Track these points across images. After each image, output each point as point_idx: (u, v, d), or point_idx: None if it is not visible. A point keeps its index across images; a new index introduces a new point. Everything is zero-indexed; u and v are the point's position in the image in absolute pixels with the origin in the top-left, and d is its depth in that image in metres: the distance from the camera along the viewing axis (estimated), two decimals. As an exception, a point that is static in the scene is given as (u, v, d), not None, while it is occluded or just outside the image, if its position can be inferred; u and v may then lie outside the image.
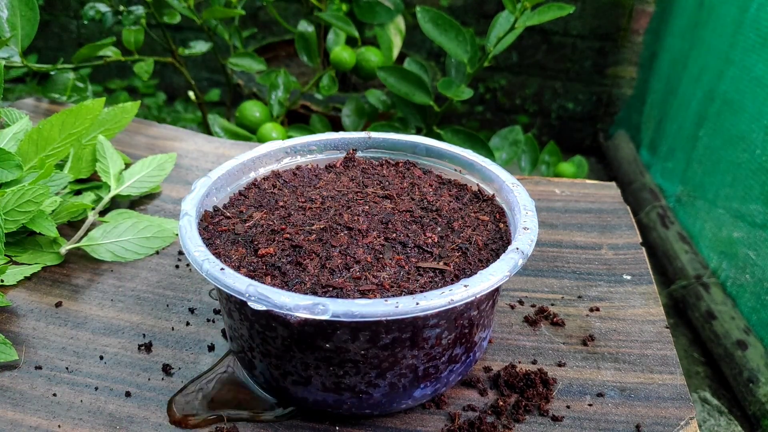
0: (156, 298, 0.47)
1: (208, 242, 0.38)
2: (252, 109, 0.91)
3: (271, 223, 0.39)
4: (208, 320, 0.45)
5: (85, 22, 1.08)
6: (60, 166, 0.58)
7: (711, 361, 1.26)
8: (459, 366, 0.38)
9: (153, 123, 0.73)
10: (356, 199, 0.41)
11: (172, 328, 0.45)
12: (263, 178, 0.45)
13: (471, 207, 0.43)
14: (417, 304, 0.30)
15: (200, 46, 0.98)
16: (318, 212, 0.40)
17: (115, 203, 0.59)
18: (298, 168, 0.47)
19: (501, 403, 0.39)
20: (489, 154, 0.81)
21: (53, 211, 0.53)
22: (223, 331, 0.44)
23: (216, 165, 0.64)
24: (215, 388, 0.40)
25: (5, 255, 0.49)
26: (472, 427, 0.37)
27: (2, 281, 0.47)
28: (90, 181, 0.60)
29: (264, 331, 0.34)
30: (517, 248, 0.35)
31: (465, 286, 0.32)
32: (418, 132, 0.89)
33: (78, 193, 0.58)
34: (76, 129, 0.54)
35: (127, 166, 0.65)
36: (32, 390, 0.39)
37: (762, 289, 1.15)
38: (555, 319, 0.46)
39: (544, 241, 0.55)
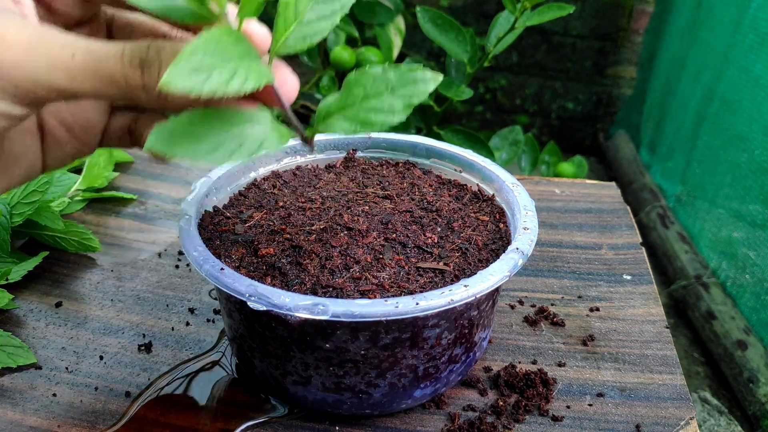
0: (156, 298, 0.47)
1: (208, 242, 0.38)
2: (252, 109, 0.91)
3: (271, 223, 0.39)
4: (208, 320, 0.45)
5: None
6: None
7: (711, 361, 1.26)
8: (459, 366, 0.38)
9: (153, 123, 0.73)
10: (356, 200, 0.41)
11: (172, 329, 0.45)
12: (263, 178, 0.45)
13: (471, 207, 0.43)
14: (417, 304, 0.30)
15: (200, 46, 0.98)
16: (318, 212, 0.40)
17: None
18: (298, 168, 0.47)
19: (501, 403, 0.39)
20: (489, 154, 0.81)
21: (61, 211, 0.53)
22: (223, 331, 0.44)
23: (216, 165, 0.63)
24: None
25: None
26: (472, 427, 0.37)
27: (8, 280, 0.47)
28: (108, 190, 0.60)
29: (264, 332, 0.34)
30: (517, 248, 0.35)
31: (465, 286, 0.32)
32: (418, 132, 0.90)
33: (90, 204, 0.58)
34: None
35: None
36: (32, 390, 0.39)
37: (762, 289, 1.15)
38: (555, 319, 0.46)
39: (544, 241, 0.55)
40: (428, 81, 0.28)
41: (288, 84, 0.28)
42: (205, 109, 0.25)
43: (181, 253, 0.53)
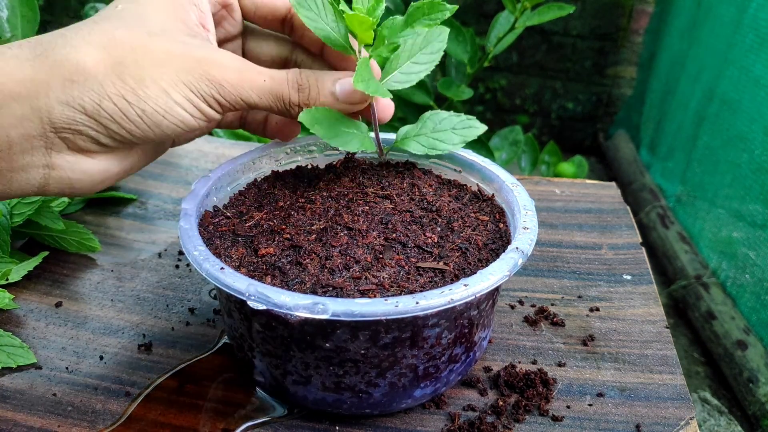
0: (156, 298, 0.47)
1: (208, 242, 0.38)
2: (252, 110, 0.91)
3: (271, 223, 0.39)
4: (208, 320, 0.45)
5: (85, 22, 1.08)
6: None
7: (711, 361, 1.26)
8: (459, 366, 0.38)
9: (153, 123, 0.73)
10: (356, 200, 0.41)
11: (172, 328, 0.45)
12: (263, 178, 0.45)
13: (471, 207, 0.43)
14: (417, 303, 0.30)
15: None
16: (318, 212, 0.40)
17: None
18: (298, 168, 0.47)
19: (501, 403, 0.39)
20: (489, 154, 0.81)
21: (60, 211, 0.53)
22: (223, 331, 0.44)
23: (216, 165, 0.64)
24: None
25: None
26: (472, 427, 0.37)
27: (8, 280, 0.47)
28: (111, 191, 0.60)
29: (264, 331, 0.34)
30: (517, 248, 0.35)
31: (465, 285, 0.32)
32: (418, 132, 0.89)
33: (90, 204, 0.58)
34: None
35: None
36: (32, 390, 0.39)
37: (762, 289, 1.15)
38: (555, 319, 0.46)
39: (544, 241, 0.55)
40: (479, 128, 0.42)
41: (386, 110, 0.41)
42: (331, 110, 0.38)
43: (181, 253, 0.53)
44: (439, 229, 0.39)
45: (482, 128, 0.41)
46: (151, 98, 0.33)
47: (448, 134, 0.41)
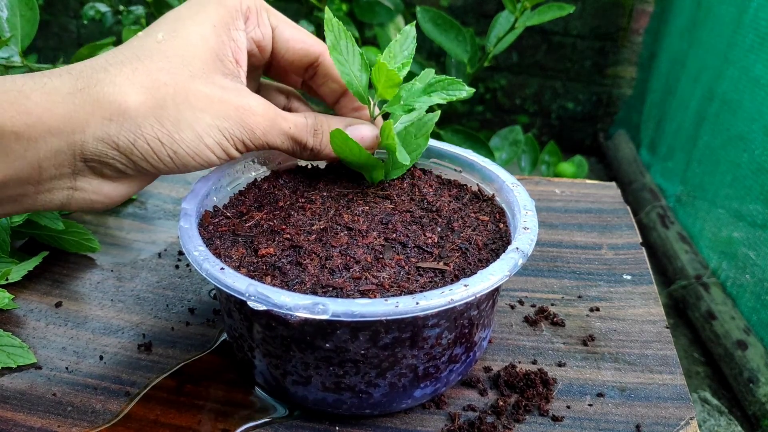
0: (156, 298, 0.47)
1: (208, 242, 0.38)
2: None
3: (271, 223, 0.39)
4: (208, 320, 0.45)
5: (85, 22, 1.08)
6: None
7: (711, 361, 1.26)
8: (459, 366, 0.38)
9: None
10: (356, 200, 0.41)
11: (172, 328, 0.45)
12: (263, 178, 0.45)
13: (471, 207, 0.43)
14: (417, 303, 0.30)
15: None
16: (318, 212, 0.40)
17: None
18: (297, 168, 0.47)
19: (501, 403, 0.39)
20: (489, 154, 0.81)
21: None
22: (222, 331, 0.44)
23: (216, 165, 0.64)
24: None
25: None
26: (472, 427, 0.37)
27: (8, 280, 0.47)
28: None
29: (264, 331, 0.34)
30: (517, 248, 0.35)
31: (465, 285, 0.32)
32: (418, 132, 0.89)
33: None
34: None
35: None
36: (32, 390, 0.39)
37: (762, 289, 1.15)
38: (555, 319, 0.46)
39: (544, 241, 0.55)
40: (433, 118, 0.44)
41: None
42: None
43: (181, 253, 0.53)
44: (439, 229, 0.39)
45: (436, 116, 0.43)
46: (184, 141, 0.34)
47: (414, 141, 0.44)
